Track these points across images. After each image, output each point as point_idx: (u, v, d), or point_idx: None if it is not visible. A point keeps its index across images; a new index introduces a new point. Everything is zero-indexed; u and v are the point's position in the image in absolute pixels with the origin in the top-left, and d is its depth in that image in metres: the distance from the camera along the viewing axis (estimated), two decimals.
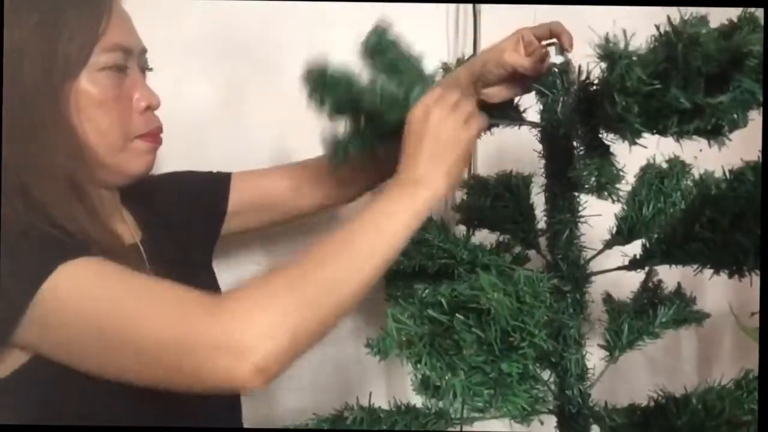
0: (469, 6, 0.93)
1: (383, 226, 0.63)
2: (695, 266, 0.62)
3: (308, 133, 0.74)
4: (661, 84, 0.48)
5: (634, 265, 0.70)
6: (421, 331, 0.53)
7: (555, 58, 0.73)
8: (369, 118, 0.71)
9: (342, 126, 0.73)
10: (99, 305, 0.58)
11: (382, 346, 0.52)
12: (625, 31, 0.48)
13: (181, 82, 0.72)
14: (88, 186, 0.67)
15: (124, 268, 0.60)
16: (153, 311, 0.58)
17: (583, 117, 0.58)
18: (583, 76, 0.57)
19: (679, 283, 0.86)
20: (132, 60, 0.69)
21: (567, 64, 0.72)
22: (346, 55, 0.70)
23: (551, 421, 0.74)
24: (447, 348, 0.51)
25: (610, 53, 0.47)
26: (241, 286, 0.59)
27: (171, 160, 0.78)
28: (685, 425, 0.54)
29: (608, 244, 0.78)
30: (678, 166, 0.82)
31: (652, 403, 0.61)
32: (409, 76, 0.69)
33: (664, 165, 0.83)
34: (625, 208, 0.79)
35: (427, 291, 0.60)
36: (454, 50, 0.94)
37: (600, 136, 0.59)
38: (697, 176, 0.80)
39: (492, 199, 0.87)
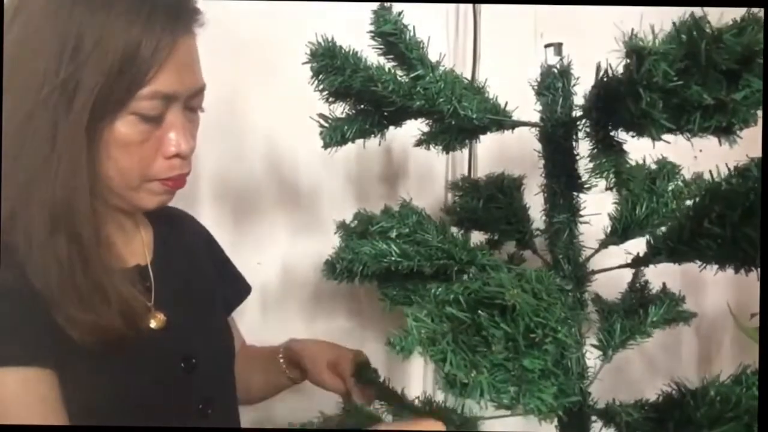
0: (469, 6, 0.93)
1: None
2: (699, 263, 0.63)
3: (307, 133, 0.73)
4: (681, 81, 0.49)
5: (637, 262, 0.71)
6: (441, 328, 0.53)
7: (552, 59, 0.74)
8: (373, 102, 0.70)
9: (340, 110, 0.73)
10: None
11: (405, 344, 0.51)
12: (652, 27, 0.48)
13: None
14: (86, 211, 0.64)
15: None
16: None
17: (599, 115, 0.58)
18: (601, 73, 0.57)
19: (664, 284, 0.88)
20: (175, 103, 0.67)
21: (566, 65, 0.73)
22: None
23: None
24: (474, 345, 0.50)
25: (638, 49, 0.48)
26: None
27: None
28: (704, 417, 0.55)
29: (603, 243, 0.79)
30: (668, 167, 0.84)
31: (662, 398, 0.62)
32: (418, 65, 0.68)
33: (653, 167, 0.85)
34: (619, 208, 0.81)
35: (440, 289, 0.59)
36: (454, 50, 0.95)
37: (612, 134, 0.60)
38: (688, 177, 0.83)
39: (485, 200, 0.88)
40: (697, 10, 0.53)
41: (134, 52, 0.61)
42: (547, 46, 0.74)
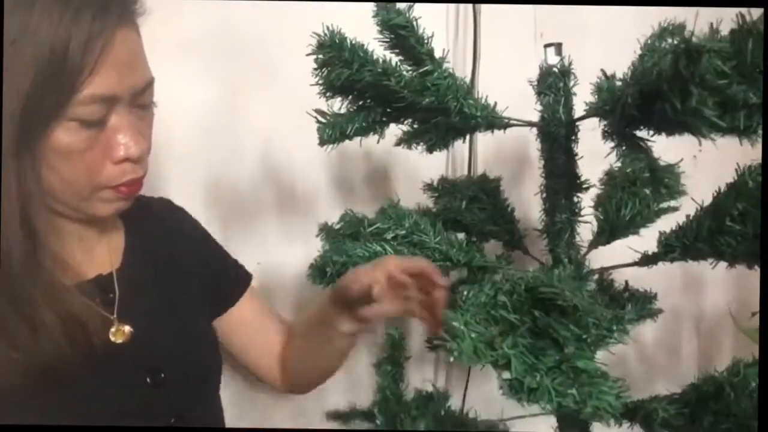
0: (469, 6, 0.92)
1: None
2: (711, 261, 0.64)
3: (306, 133, 0.69)
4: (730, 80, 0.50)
5: (647, 260, 0.72)
6: (495, 331, 0.51)
7: (552, 59, 0.74)
8: (379, 98, 0.67)
9: (337, 105, 0.71)
10: None
11: (462, 348, 0.48)
12: (711, 25, 0.49)
13: (181, 82, 0.64)
14: (15, 240, 0.59)
15: None
16: None
17: (632, 112, 0.58)
18: (636, 71, 0.57)
19: (626, 282, 0.90)
20: (119, 104, 0.61)
21: (566, 65, 0.73)
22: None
23: (551, 420, 0.74)
24: (535, 348, 0.48)
25: (695, 47, 0.48)
26: None
27: (171, 160, 0.70)
28: (744, 409, 0.56)
29: (593, 244, 0.80)
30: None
31: (692, 390, 0.62)
32: (427, 60, 0.66)
33: (628, 170, 0.87)
34: (607, 210, 0.82)
35: (471, 293, 0.57)
36: (454, 50, 0.93)
37: (634, 134, 0.60)
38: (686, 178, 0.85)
39: (467, 201, 0.87)
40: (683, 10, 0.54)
41: (62, 54, 0.55)
42: (547, 46, 0.74)
